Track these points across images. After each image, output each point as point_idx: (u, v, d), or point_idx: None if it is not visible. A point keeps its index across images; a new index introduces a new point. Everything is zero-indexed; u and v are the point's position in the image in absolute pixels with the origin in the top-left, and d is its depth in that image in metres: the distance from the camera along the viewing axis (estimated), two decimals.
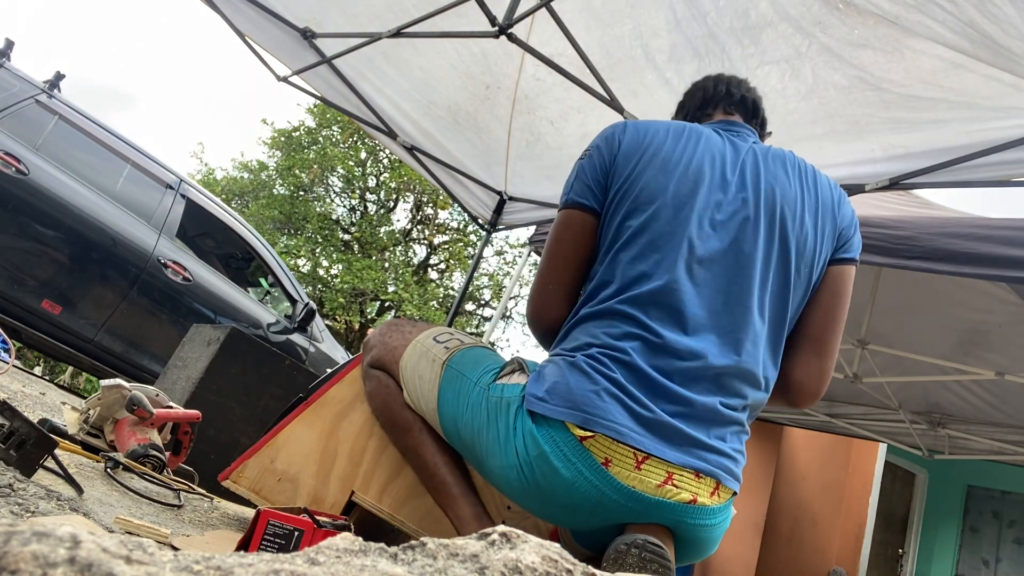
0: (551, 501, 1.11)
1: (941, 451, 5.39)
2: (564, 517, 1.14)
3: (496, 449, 1.15)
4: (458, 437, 1.28)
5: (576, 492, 1.07)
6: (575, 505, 1.08)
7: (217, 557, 0.41)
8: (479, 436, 1.20)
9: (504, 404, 1.16)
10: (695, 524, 1.08)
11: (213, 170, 16.79)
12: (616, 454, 1.05)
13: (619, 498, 1.05)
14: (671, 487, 1.05)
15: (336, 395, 1.58)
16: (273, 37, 3.48)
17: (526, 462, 1.10)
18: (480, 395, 1.22)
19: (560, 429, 1.07)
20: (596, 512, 1.08)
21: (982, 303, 4.08)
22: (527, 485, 1.11)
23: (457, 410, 1.26)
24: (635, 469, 1.05)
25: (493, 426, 1.17)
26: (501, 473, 1.16)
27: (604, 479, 1.05)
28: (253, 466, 1.50)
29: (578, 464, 1.06)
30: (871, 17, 2.12)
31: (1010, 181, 2.46)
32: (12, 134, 3.37)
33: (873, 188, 2.71)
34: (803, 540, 6.26)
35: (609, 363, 1.08)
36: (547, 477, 1.08)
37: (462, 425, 1.25)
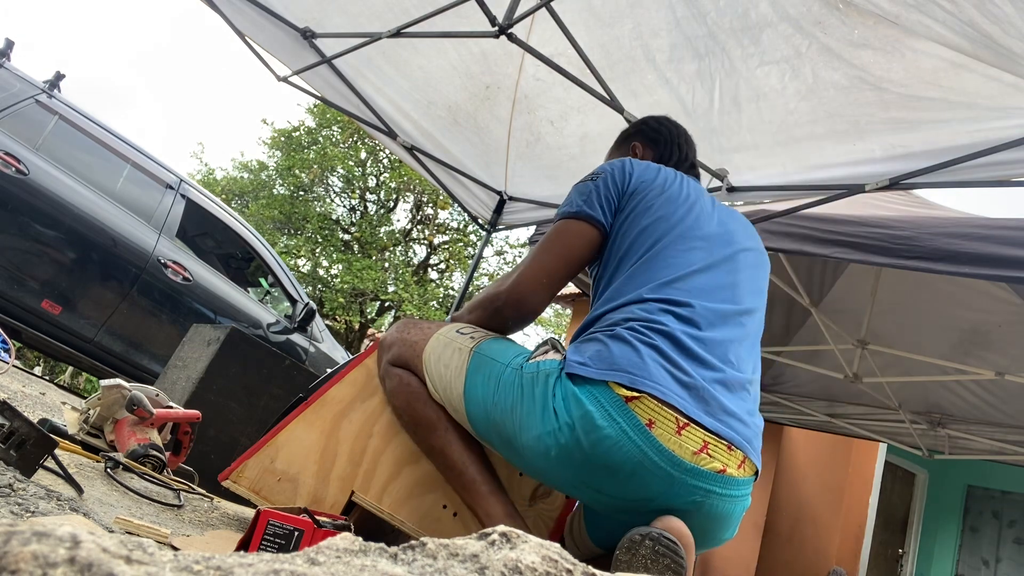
0: (589, 463, 1.12)
1: (941, 451, 5.39)
2: (598, 482, 1.14)
3: (533, 421, 1.18)
4: (487, 420, 1.28)
5: (618, 451, 1.10)
6: (615, 465, 1.11)
7: (217, 557, 0.41)
8: (512, 413, 1.22)
9: (542, 376, 1.20)
10: (723, 495, 1.14)
11: (213, 170, 16.80)
12: (660, 417, 1.11)
13: (659, 459, 1.10)
14: (705, 455, 1.11)
15: (336, 395, 1.57)
16: (273, 37, 3.47)
17: (568, 424, 1.12)
18: (513, 374, 1.25)
19: (604, 390, 1.12)
20: (634, 475, 1.11)
21: (982, 303, 4.08)
22: (566, 451, 1.13)
23: (487, 392, 1.27)
24: (676, 434, 1.10)
25: (529, 398, 1.20)
26: (537, 444, 1.17)
27: (647, 439, 1.09)
28: (253, 466, 1.50)
29: (623, 423, 1.10)
30: (871, 17, 2.12)
31: (1010, 181, 2.46)
32: (12, 134, 3.37)
33: (873, 188, 2.70)
34: (803, 540, 6.26)
35: (649, 332, 1.17)
36: (589, 436, 1.11)
37: (492, 407, 1.26)
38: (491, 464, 1.38)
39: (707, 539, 1.20)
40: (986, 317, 4.13)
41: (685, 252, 1.30)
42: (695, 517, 1.13)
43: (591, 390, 1.12)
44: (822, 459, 6.47)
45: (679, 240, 1.31)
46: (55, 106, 3.61)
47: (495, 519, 1.27)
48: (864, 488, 6.64)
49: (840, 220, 2.88)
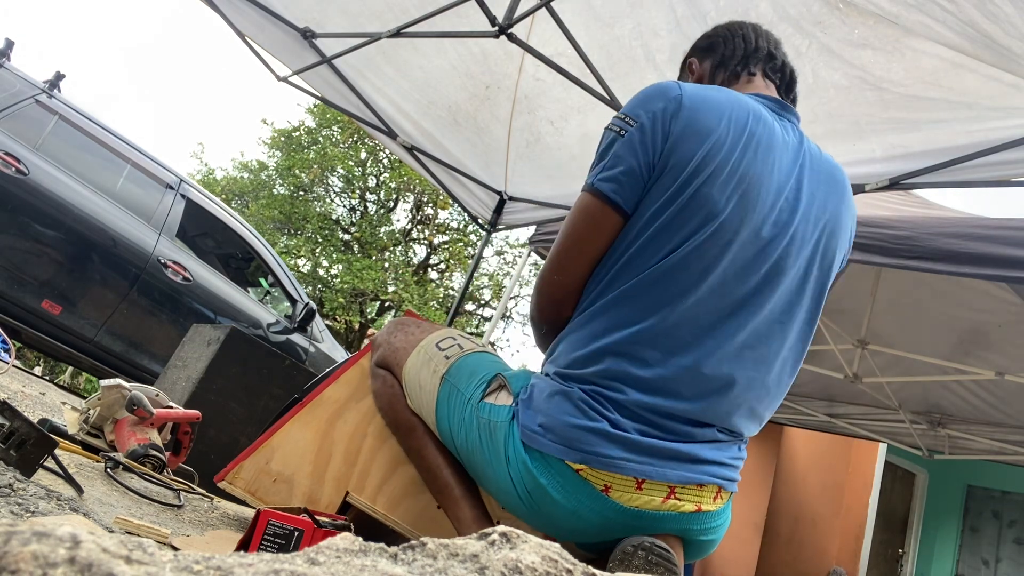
0: (553, 524, 1.09)
1: (941, 451, 5.39)
2: (569, 536, 1.11)
3: (491, 473, 1.14)
4: (456, 451, 1.28)
5: (578, 518, 1.05)
6: (579, 529, 1.07)
7: (217, 557, 0.41)
8: (473, 456, 1.20)
9: (491, 428, 1.13)
10: (700, 529, 1.07)
11: (213, 170, 16.80)
12: (616, 480, 1.03)
13: (623, 518, 1.04)
14: (674, 500, 1.04)
15: (331, 396, 1.57)
16: (273, 37, 3.48)
17: (523, 491, 1.08)
18: (471, 414, 1.19)
19: (556, 462, 1.04)
20: (602, 531, 1.06)
21: (982, 303, 4.08)
22: (527, 509, 1.10)
23: (452, 425, 1.24)
24: (636, 490, 1.03)
25: (485, 450, 1.14)
26: (499, 495, 1.16)
27: (606, 505, 1.03)
28: (249, 467, 1.50)
29: (578, 494, 1.04)
30: (871, 17, 2.12)
31: (1010, 181, 2.46)
32: (12, 134, 3.37)
33: (873, 188, 2.71)
34: (803, 540, 6.26)
35: (607, 404, 1.05)
36: (547, 506, 1.06)
37: (458, 441, 1.23)
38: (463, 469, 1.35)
39: (689, 557, 1.14)
40: (986, 317, 4.13)
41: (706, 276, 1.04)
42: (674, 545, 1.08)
43: (543, 460, 1.05)
44: (822, 459, 6.47)
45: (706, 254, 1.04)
46: (55, 106, 3.61)
47: (464, 523, 1.24)
48: (864, 488, 6.64)
49: None
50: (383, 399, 1.44)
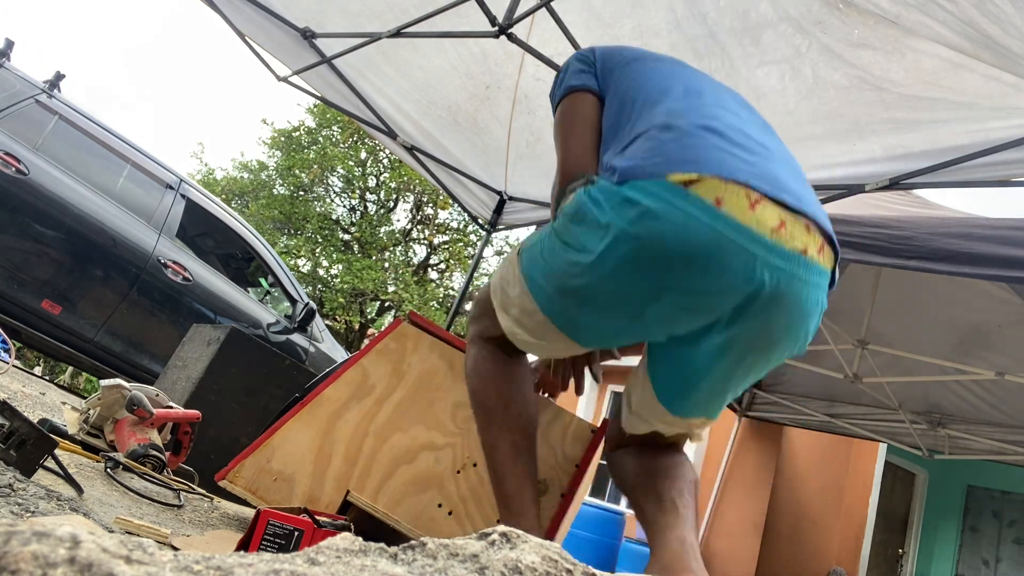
0: (661, 263, 1.01)
1: (941, 451, 5.39)
2: (676, 281, 1.02)
3: (583, 253, 1.07)
4: (561, 302, 1.14)
5: (688, 237, 0.98)
6: (688, 255, 0.98)
7: (217, 557, 0.41)
8: (563, 264, 1.11)
9: (576, 210, 1.10)
10: (805, 280, 1.02)
11: (213, 170, 16.80)
12: (727, 193, 0.99)
13: (736, 237, 0.97)
14: (785, 232, 1.00)
15: (332, 395, 1.58)
16: (273, 37, 3.47)
17: (623, 233, 1.01)
18: (552, 236, 1.16)
19: (658, 183, 1.00)
20: (711, 261, 0.98)
21: (982, 303, 4.08)
22: (633, 262, 1.02)
23: (540, 269, 1.17)
24: (749, 209, 0.98)
25: (574, 233, 1.09)
26: (597, 273, 1.05)
27: (718, 218, 0.97)
28: (249, 466, 1.50)
29: (687, 207, 0.98)
30: (871, 17, 2.12)
31: (1010, 181, 2.46)
32: (12, 134, 3.37)
33: (873, 188, 2.71)
34: (803, 540, 6.26)
35: (690, 126, 1.10)
36: (653, 233, 0.99)
37: (549, 277, 1.15)
38: (532, 480, 1.27)
39: (787, 338, 1.08)
40: (986, 317, 4.13)
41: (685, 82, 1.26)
42: (776, 310, 1.02)
43: (642, 186, 1.01)
44: (822, 459, 6.47)
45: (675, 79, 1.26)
46: (55, 106, 3.61)
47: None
48: (864, 488, 6.64)
49: (840, 220, 2.88)
50: (478, 373, 1.33)
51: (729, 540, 6.27)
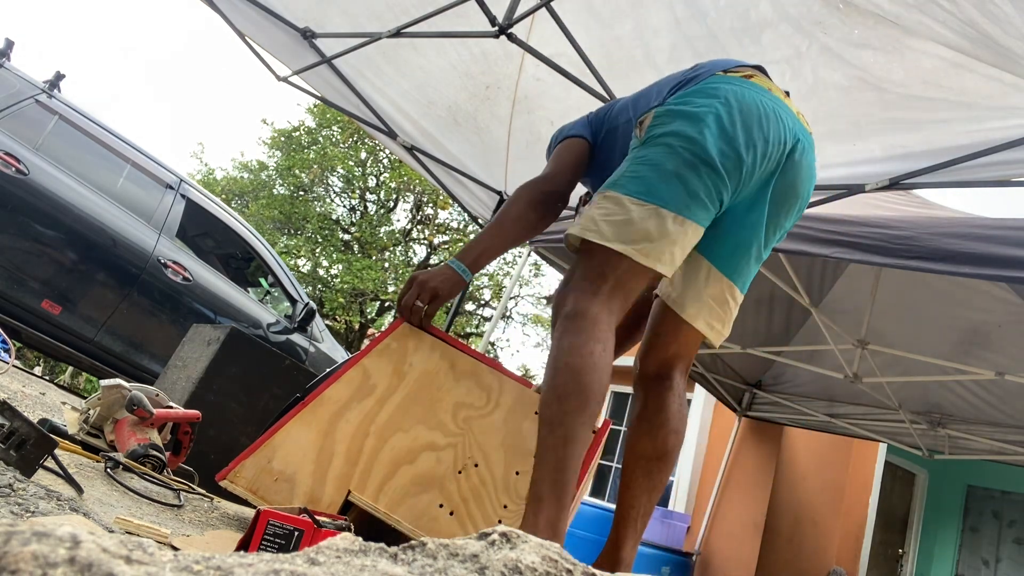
0: (748, 120, 1.38)
1: (941, 451, 5.39)
2: (752, 134, 1.38)
3: (693, 127, 1.37)
4: (671, 181, 1.36)
5: (761, 103, 1.41)
6: (763, 114, 1.39)
7: (217, 557, 0.41)
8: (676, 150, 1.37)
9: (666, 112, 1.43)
10: (811, 147, 1.50)
11: (213, 170, 16.81)
12: (771, 85, 1.49)
13: (780, 109, 1.43)
14: (802, 116, 1.52)
15: (333, 395, 1.57)
16: (273, 37, 3.47)
17: (722, 105, 1.39)
18: (648, 148, 1.41)
19: (725, 77, 1.47)
20: (772, 117, 1.40)
21: (982, 303, 4.08)
22: (731, 121, 1.37)
23: (649, 175, 1.37)
24: (784, 97, 1.50)
25: (675, 126, 1.39)
26: (710, 137, 1.35)
27: (772, 96, 1.45)
28: (250, 466, 1.50)
29: (755, 90, 1.44)
30: (871, 17, 2.12)
31: (1010, 181, 2.46)
32: (12, 134, 3.37)
33: (873, 188, 2.71)
34: (803, 540, 6.26)
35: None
36: (741, 100, 1.40)
37: (661, 171, 1.37)
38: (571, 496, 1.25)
39: (802, 194, 1.49)
40: (986, 317, 4.13)
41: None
42: (799, 166, 1.45)
43: (716, 79, 1.45)
44: (822, 459, 6.47)
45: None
46: (55, 106, 3.61)
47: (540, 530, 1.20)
48: (864, 488, 6.64)
49: (840, 220, 2.88)
50: (587, 355, 1.27)
51: (729, 540, 6.27)
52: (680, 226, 1.35)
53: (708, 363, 5.50)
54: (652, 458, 1.44)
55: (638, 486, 1.44)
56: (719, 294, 1.49)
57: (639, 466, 1.45)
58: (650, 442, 1.45)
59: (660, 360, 1.53)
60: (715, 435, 6.91)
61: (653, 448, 1.45)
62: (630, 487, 1.45)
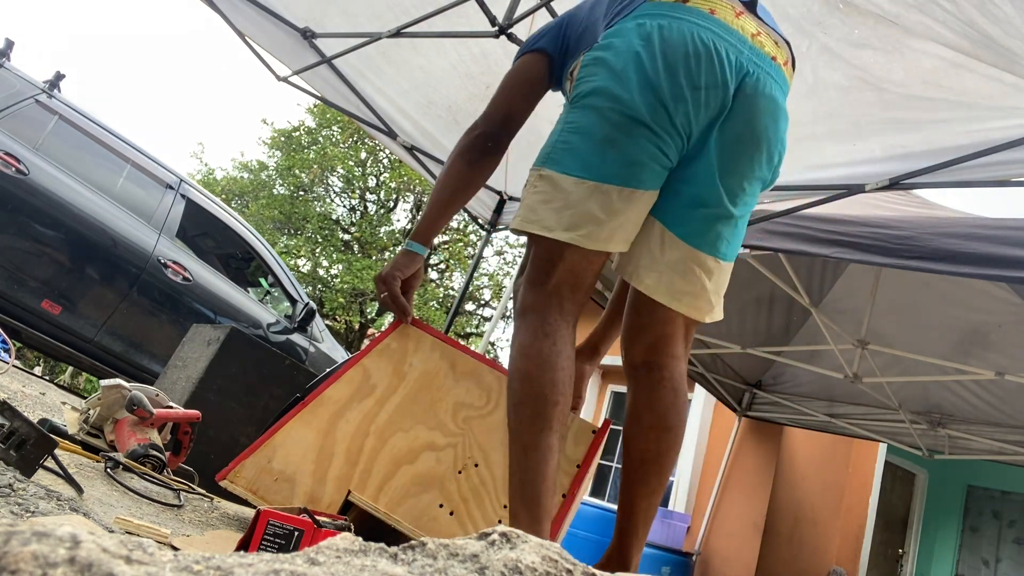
0: (678, 65, 1.21)
1: (941, 451, 5.39)
2: (685, 78, 1.21)
3: (616, 85, 1.22)
4: (603, 151, 1.24)
5: (694, 39, 1.22)
6: (695, 51, 1.22)
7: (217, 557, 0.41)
8: (602, 113, 1.23)
9: (592, 61, 1.28)
10: (774, 78, 1.29)
11: (213, 170, 16.81)
12: (717, 5, 1.27)
13: (728, 37, 1.24)
14: (760, 40, 1.29)
15: (333, 395, 1.57)
16: (273, 37, 3.47)
17: (641, 45, 1.23)
18: (573, 113, 1.28)
19: (656, 6, 1.27)
20: (712, 56, 1.22)
21: (982, 303, 4.08)
22: (656, 69, 1.21)
23: (580, 147, 1.25)
24: (736, 17, 1.27)
25: (600, 81, 1.24)
26: (635, 92, 1.21)
27: (714, 22, 1.25)
28: (250, 466, 1.50)
29: (689, 18, 1.24)
30: (871, 17, 2.12)
31: (1010, 181, 2.46)
32: (12, 134, 3.37)
33: (873, 188, 2.70)
34: (803, 540, 6.26)
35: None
36: (667, 41, 1.22)
37: (591, 139, 1.24)
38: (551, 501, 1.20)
39: (767, 136, 1.28)
40: (986, 317, 4.13)
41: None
42: (757, 101, 1.26)
43: (645, 9, 1.27)
44: (822, 459, 6.47)
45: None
46: (55, 106, 3.61)
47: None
48: (864, 488, 6.64)
49: (840, 220, 2.88)
50: (533, 355, 1.21)
51: (729, 540, 6.27)
52: (627, 200, 1.23)
53: (708, 363, 5.50)
54: (646, 461, 1.34)
55: (635, 491, 1.34)
56: (678, 260, 1.30)
57: (634, 469, 1.35)
58: (643, 444, 1.34)
59: (644, 346, 1.38)
60: (715, 435, 6.91)
61: (646, 450, 1.34)
62: (627, 491, 1.36)
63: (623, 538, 1.34)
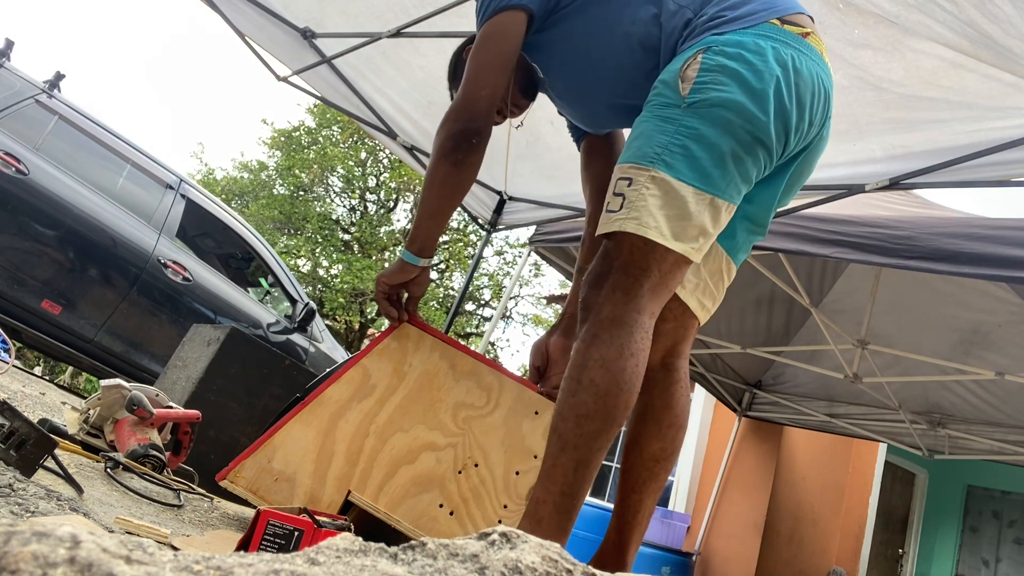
0: (802, 102, 1.23)
1: (941, 451, 5.39)
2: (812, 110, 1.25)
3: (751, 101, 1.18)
4: (727, 164, 1.19)
5: (817, 80, 1.25)
6: (817, 93, 1.25)
7: (217, 557, 0.41)
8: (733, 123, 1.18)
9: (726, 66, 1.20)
10: (830, 118, 1.33)
11: (213, 170, 16.81)
12: (821, 44, 1.31)
13: (830, 88, 1.29)
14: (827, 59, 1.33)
15: (333, 395, 1.57)
16: (273, 37, 3.47)
17: (783, 75, 1.20)
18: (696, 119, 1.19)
19: (789, 36, 1.26)
20: (826, 104, 1.28)
21: (982, 303, 4.08)
22: (787, 98, 1.21)
23: (702, 154, 1.18)
24: (823, 52, 1.30)
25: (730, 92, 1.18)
26: (763, 107, 1.18)
27: (823, 66, 1.28)
28: (250, 466, 1.50)
29: (811, 56, 1.26)
30: (871, 17, 2.12)
31: (1010, 181, 2.46)
32: (12, 134, 3.37)
33: (873, 188, 2.71)
34: (803, 540, 6.26)
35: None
36: (799, 77, 1.22)
37: (714, 151, 1.18)
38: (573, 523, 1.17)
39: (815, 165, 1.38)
40: (986, 317, 4.13)
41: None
42: (822, 143, 1.34)
43: (776, 35, 1.24)
44: (822, 459, 6.47)
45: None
46: (55, 106, 3.61)
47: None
48: (864, 488, 6.64)
49: (840, 220, 2.88)
50: (622, 372, 1.12)
51: (729, 540, 6.27)
52: (728, 214, 1.23)
53: (708, 363, 5.50)
54: (660, 459, 1.34)
55: (644, 489, 1.34)
56: (716, 270, 1.38)
57: (646, 468, 1.34)
58: (659, 443, 1.34)
59: (664, 349, 1.39)
60: (715, 435, 6.91)
61: (662, 449, 1.34)
62: (636, 490, 1.34)
63: (622, 534, 1.34)
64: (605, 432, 1.12)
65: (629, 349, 1.13)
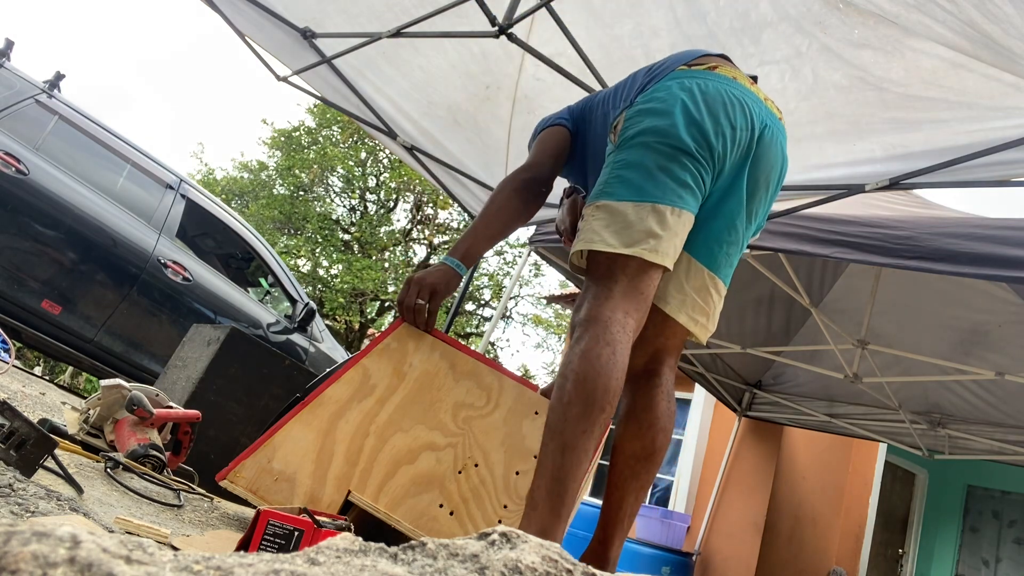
0: (717, 108, 1.39)
1: (941, 451, 5.39)
2: (725, 121, 1.39)
3: (664, 121, 1.38)
4: (657, 177, 1.36)
5: (728, 94, 1.41)
6: (732, 102, 1.41)
7: (217, 557, 0.41)
8: (653, 147, 1.37)
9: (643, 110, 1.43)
10: (780, 132, 1.50)
11: (213, 170, 16.81)
12: (737, 74, 1.48)
13: (748, 99, 1.44)
14: (769, 102, 1.51)
15: (333, 395, 1.57)
16: (273, 37, 3.47)
17: (688, 96, 1.40)
18: (626, 151, 1.41)
19: (693, 71, 1.46)
20: (742, 106, 1.42)
21: (982, 303, 4.08)
22: (700, 111, 1.38)
23: (634, 176, 1.37)
24: (751, 83, 1.49)
25: (647, 124, 1.40)
26: (682, 128, 1.37)
27: (737, 86, 1.45)
28: (250, 466, 1.50)
29: (718, 80, 1.44)
30: (871, 17, 2.12)
31: (1010, 181, 2.46)
32: (12, 134, 3.37)
33: (873, 188, 2.70)
34: (803, 540, 6.26)
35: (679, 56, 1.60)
36: (708, 91, 1.41)
37: (642, 169, 1.37)
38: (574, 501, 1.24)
39: (774, 178, 1.50)
40: (986, 317, 4.13)
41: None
42: (770, 150, 1.46)
43: (683, 75, 1.46)
44: (822, 459, 6.47)
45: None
46: (55, 106, 3.61)
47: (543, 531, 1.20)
48: (864, 488, 6.64)
49: (840, 220, 2.88)
50: (598, 359, 1.23)
51: (729, 540, 6.27)
52: (679, 218, 1.36)
53: (708, 363, 5.50)
54: (641, 458, 1.43)
55: (626, 487, 1.42)
56: (701, 286, 1.48)
57: (627, 466, 1.43)
58: (639, 442, 1.43)
59: (646, 356, 1.51)
60: (715, 435, 6.91)
61: (642, 448, 1.43)
62: (618, 487, 1.43)
63: (606, 530, 1.42)
64: (586, 416, 1.22)
65: (604, 339, 1.26)
